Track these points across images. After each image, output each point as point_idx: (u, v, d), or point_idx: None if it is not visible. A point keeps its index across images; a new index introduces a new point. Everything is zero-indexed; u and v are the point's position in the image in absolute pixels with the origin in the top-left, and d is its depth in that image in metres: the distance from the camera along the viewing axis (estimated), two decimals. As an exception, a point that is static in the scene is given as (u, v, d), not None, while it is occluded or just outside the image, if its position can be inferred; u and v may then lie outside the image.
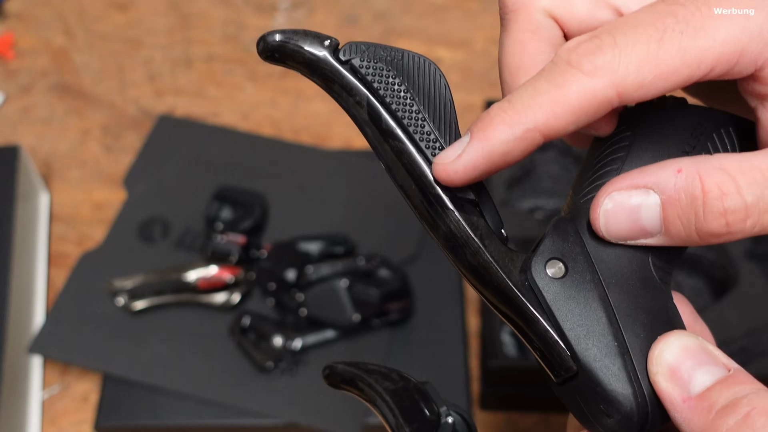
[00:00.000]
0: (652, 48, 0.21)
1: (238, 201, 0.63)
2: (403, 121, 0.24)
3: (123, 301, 0.58)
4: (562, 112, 0.22)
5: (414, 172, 0.24)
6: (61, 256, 0.66)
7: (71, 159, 0.73)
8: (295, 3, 0.87)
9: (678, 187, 0.21)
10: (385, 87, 0.24)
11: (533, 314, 0.23)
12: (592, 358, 0.23)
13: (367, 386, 0.27)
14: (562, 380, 0.24)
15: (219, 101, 0.77)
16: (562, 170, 0.65)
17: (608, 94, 0.21)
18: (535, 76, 0.22)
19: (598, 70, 0.21)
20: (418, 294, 0.59)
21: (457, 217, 0.24)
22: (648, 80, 0.21)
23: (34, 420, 0.57)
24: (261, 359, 0.56)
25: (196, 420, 0.54)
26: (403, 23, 0.85)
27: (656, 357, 0.22)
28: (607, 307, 0.23)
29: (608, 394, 0.22)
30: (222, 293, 0.59)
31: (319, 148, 0.70)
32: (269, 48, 0.24)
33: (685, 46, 0.21)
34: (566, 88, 0.21)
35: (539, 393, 0.55)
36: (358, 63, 0.24)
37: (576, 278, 0.24)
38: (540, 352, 0.24)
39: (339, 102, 0.25)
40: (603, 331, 0.23)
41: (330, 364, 0.28)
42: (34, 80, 0.79)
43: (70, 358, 0.57)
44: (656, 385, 0.22)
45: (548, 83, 0.22)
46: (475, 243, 0.24)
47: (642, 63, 0.21)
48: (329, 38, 0.24)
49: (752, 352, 0.52)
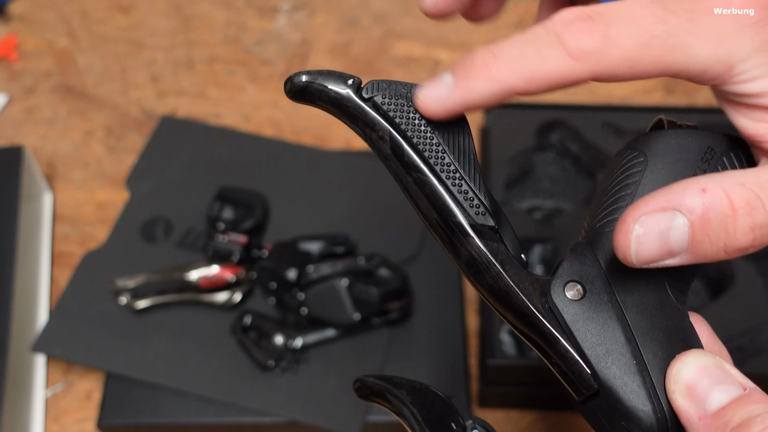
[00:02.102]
0: (636, 50, 0.22)
1: (240, 201, 0.63)
2: (424, 154, 0.25)
3: (126, 300, 0.59)
4: (539, 82, 0.23)
5: (436, 202, 0.25)
6: (64, 255, 0.66)
7: (74, 159, 0.73)
8: (296, 5, 0.88)
9: (706, 206, 0.22)
10: (407, 122, 0.25)
11: (554, 335, 0.24)
12: (612, 376, 0.23)
13: (396, 398, 0.28)
14: (583, 398, 0.24)
15: (221, 102, 0.78)
16: (561, 171, 0.66)
17: (583, 76, 0.23)
18: (525, 38, 0.23)
19: (583, 55, 0.22)
20: (417, 293, 0.60)
21: (478, 244, 0.25)
22: (620, 73, 0.23)
23: (37, 418, 0.57)
24: (262, 358, 0.56)
25: (197, 418, 0.55)
26: (403, 25, 0.85)
27: (674, 375, 0.23)
28: (625, 326, 0.24)
29: (629, 410, 0.23)
30: (224, 292, 0.59)
31: (320, 149, 0.71)
32: (296, 88, 0.26)
33: (664, 57, 0.22)
34: (549, 63, 0.23)
35: (538, 391, 0.55)
36: (380, 100, 0.25)
37: (594, 299, 0.24)
38: (561, 372, 0.25)
39: (363, 138, 0.26)
40: (622, 350, 0.24)
41: (360, 377, 0.29)
42: (38, 82, 0.80)
43: (74, 357, 0.58)
44: (674, 402, 0.23)
45: (535, 52, 0.23)
46: (496, 268, 0.25)
47: (622, 61, 0.22)
48: (352, 77, 0.26)
49: (749, 351, 0.52)
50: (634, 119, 0.65)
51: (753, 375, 0.23)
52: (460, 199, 0.25)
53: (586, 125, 0.65)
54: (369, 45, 0.83)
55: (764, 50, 0.23)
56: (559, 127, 0.66)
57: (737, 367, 0.23)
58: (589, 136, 0.64)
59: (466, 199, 0.25)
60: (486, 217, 0.25)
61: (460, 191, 0.25)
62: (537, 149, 0.65)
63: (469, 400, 0.56)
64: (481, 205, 0.25)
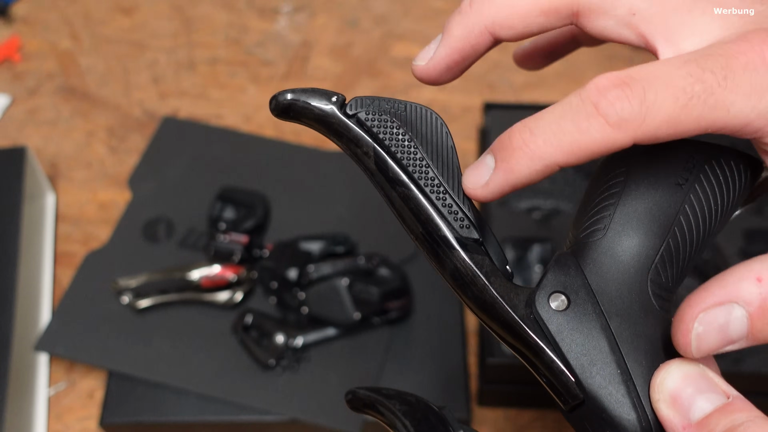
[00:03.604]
0: (676, 112, 0.22)
1: (241, 201, 0.64)
2: (408, 169, 0.25)
3: (128, 299, 0.59)
4: (581, 154, 0.23)
5: (420, 216, 0.25)
6: (67, 255, 0.67)
7: (77, 160, 0.74)
8: (297, 7, 0.88)
9: (764, 296, 0.22)
10: (390, 137, 0.26)
11: (539, 346, 0.24)
12: (597, 385, 0.24)
13: (387, 410, 0.28)
14: (570, 408, 0.24)
15: (222, 103, 0.78)
16: (560, 171, 0.66)
17: (626, 143, 0.22)
18: (561, 110, 0.23)
19: (623, 122, 0.22)
20: (417, 293, 0.60)
21: (463, 257, 0.25)
22: (662, 136, 0.22)
23: (40, 416, 0.58)
24: (263, 356, 0.56)
25: (199, 416, 0.55)
26: (403, 27, 0.86)
27: (658, 384, 0.23)
28: (610, 336, 0.24)
29: (614, 420, 0.23)
30: (225, 292, 0.60)
31: (320, 149, 0.71)
32: (281, 106, 0.26)
33: (704, 115, 0.22)
34: (589, 135, 0.22)
35: (536, 390, 0.56)
36: (363, 116, 0.26)
37: (578, 310, 0.24)
38: (548, 382, 0.25)
39: (348, 153, 0.26)
40: (606, 359, 0.24)
41: (352, 389, 0.30)
42: (41, 83, 0.80)
43: (76, 356, 0.58)
44: (658, 411, 0.23)
45: (573, 125, 0.23)
46: (481, 280, 0.25)
47: (663, 124, 0.22)
48: (336, 94, 0.26)
49: (745, 350, 0.53)
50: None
51: (750, 374, 0.23)
52: (445, 212, 0.25)
53: (584, 126, 0.65)
54: (369, 46, 0.84)
55: None
56: (557, 127, 0.66)
57: (734, 365, 0.23)
58: (588, 136, 0.65)
59: (451, 212, 0.25)
60: (470, 230, 0.25)
61: (444, 205, 0.25)
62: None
63: (469, 399, 0.56)
64: (466, 218, 0.25)
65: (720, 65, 0.22)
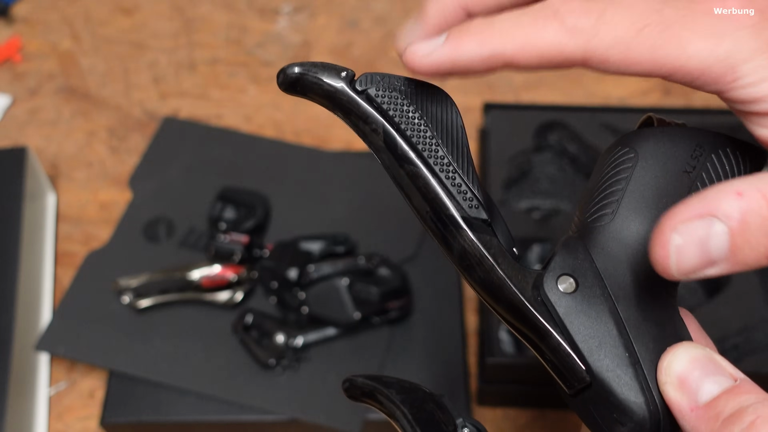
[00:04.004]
0: (629, 34, 0.22)
1: (241, 201, 0.64)
2: (417, 147, 0.25)
3: (128, 299, 0.59)
4: (529, 52, 0.23)
5: (428, 195, 0.25)
6: (67, 255, 0.67)
7: (77, 160, 0.74)
8: (297, 7, 0.88)
9: (744, 210, 0.21)
10: (400, 114, 0.25)
11: (546, 328, 0.24)
12: (604, 368, 0.23)
13: (386, 398, 0.28)
14: (575, 391, 0.24)
15: (222, 103, 0.79)
16: (559, 171, 0.66)
17: (575, 54, 0.23)
18: (523, 10, 0.23)
19: (577, 30, 0.22)
20: (417, 292, 0.60)
21: (471, 236, 0.25)
22: (613, 59, 0.23)
23: (41, 416, 0.58)
24: (263, 356, 0.56)
25: (199, 416, 0.55)
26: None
27: (665, 367, 0.23)
28: (618, 319, 0.24)
29: (621, 402, 0.23)
30: (225, 291, 0.60)
31: (321, 150, 0.71)
32: (289, 80, 0.25)
33: (657, 46, 0.22)
34: (543, 33, 0.23)
35: (536, 389, 0.56)
36: (373, 92, 0.25)
37: (586, 293, 0.24)
38: (553, 365, 0.24)
39: (356, 131, 0.26)
40: (614, 342, 0.24)
41: (349, 377, 0.29)
42: (41, 83, 0.81)
43: (77, 355, 0.58)
44: (665, 394, 0.23)
45: (530, 22, 0.23)
46: (488, 261, 0.25)
47: (615, 43, 0.22)
48: (346, 70, 0.25)
49: (745, 350, 0.53)
50: (632, 120, 0.66)
51: (749, 374, 0.23)
52: (453, 192, 0.25)
53: (584, 126, 0.66)
54: (369, 47, 0.84)
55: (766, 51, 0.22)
56: (557, 127, 0.66)
57: (734, 365, 0.23)
58: (587, 136, 0.65)
59: (459, 192, 0.25)
60: (479, 210, 0.25)
61: (453, 184, 0.25)
62: (535, 150, 0.66)
63: (468, 398, 0.56)
64: (474, 199, 0.25)
65: (682, 4, 0.23)
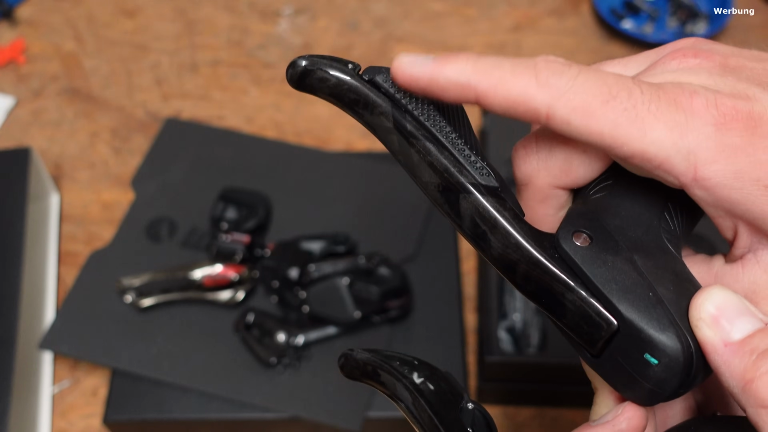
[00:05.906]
0: (595, 104, 0.23)
1: (243, 201, 0.64)
2: (425, 124, 0.26)
3: (131, 298, 0.60)
4: (499, 94, 0.24)
5: (440, 166, 0.25)
6: (70, 254, 0.67)
7: (81, 161, 0.74)
8: (298, 9, 0.89)
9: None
10: (407, 97, 0.26)
11: (567, 281, 0.24)
12: (632, 308, 0.23)
13: (387, 372, 0.26)
14: (602, 344, 0.24)
15: (224, 105, 0.79)
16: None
17: (540, 108, 0.24)
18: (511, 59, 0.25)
19: (547, 86, 0.23)
20: (417, 292, 0.61)
21: (483, 202, 0.25)
22: (574, 124, 0.23)
23: (44, 414, 0.58)
24: (265, 355, 0.57)
25: (201, 414, 0.56)
26: (403, 29, 0.86)
27: (699, 305, 0.23)
28: (636, 266, 0.24)
29: (652, 338, 0.23)
30: (227, 291, 0.60)
31: (321, 150, 0.72)
32: (297, 73, 0.26)
33: (619, 123, 0.23)
34: (516, 80, 0.24)
35: (535, 387, 0.56)
36: (381, 79, 0.26)
37: (601, 245, 0.25)
38: (576, 324, 0.24)
39: (363, 121, 0.26)
40: (636, 284, 0.24)
41: (345, 351, 0.27)
42: (45, 84, 0.81)
43: (80, 354, 0.59)
44: (698, 330, 0.23)
45: (511, 68, 0.24)
46: (502, 224, 0.25)
47: (579, 108, 0.23)
48: (351, 62, 0.26)
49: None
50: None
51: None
52: (464, 162, 0.25)
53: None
54: (369, 48, 0.84)
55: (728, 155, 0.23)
56: (556, 128, 0.67)
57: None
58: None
59: (469, 162, 0.25)
60: (490, 177, 0.25)
61: (463, 155, 0.25)
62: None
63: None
64: (485, 168, 0.26)
65: (652, 92, 0.23)
